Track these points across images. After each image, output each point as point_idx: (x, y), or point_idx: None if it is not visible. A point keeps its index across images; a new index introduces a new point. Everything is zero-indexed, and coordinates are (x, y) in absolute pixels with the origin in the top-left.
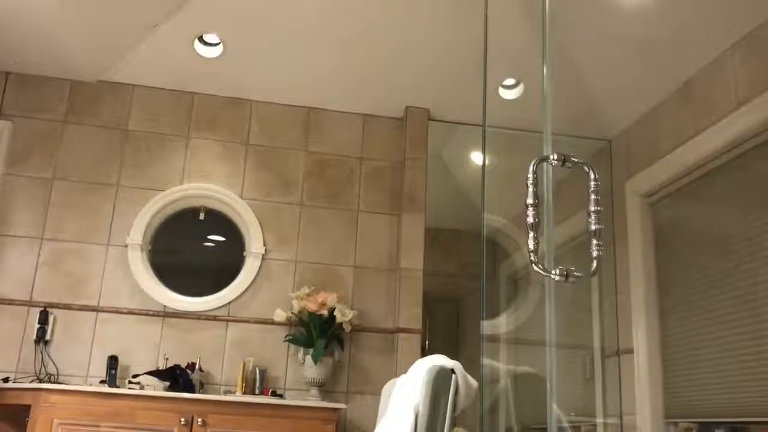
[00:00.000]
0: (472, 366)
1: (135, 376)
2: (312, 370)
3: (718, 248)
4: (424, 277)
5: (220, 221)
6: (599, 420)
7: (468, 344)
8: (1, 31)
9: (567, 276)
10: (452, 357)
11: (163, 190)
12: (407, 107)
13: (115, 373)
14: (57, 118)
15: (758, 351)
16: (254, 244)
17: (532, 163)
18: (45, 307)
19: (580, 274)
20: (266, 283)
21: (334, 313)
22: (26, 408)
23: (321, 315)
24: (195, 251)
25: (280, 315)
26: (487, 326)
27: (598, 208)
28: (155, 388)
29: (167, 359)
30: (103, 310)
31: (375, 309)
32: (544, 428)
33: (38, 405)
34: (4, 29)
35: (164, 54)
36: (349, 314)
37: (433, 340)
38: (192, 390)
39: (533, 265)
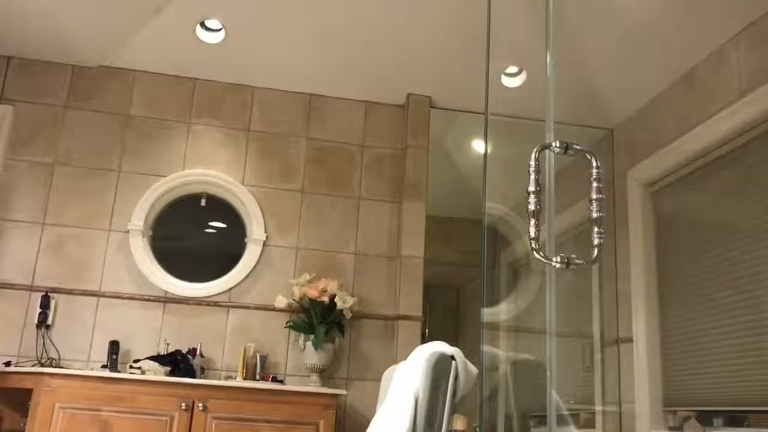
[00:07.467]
0: (472, 353)
1: (136, 361)
2: (312, 357)
3: (719, 237)
4: (424, 265)
5: (221, 207)
6: (598, 408)
7: (468, 331)
8: (3, 15)
9: (568, 264)
10: (452, 344)
11: (165, 176)
12: (409, 95)
13: (117, 357)
14: (58, 103)
15: (757, 340)
16: (255, 230)
17: (535, 150)
18: (47, 292)
19: (580, 262)
20: (267, 269)
21: (335, 300)
22: (28, 392)
23: (322, 301)
24: (196, 237)
25: (281, 301)
26: (487, 314)
27: (600, 196)
28: (156, 373)
29: (168, 344)
30: (104, 295)
31: (375, 296)
32: (543, 416)
33: (40, 389)
34: (6, 14)
35: (166, 39)
36: (350, 301)
37: (433, 328)
38: (193, 375)
39: (534, 252)
